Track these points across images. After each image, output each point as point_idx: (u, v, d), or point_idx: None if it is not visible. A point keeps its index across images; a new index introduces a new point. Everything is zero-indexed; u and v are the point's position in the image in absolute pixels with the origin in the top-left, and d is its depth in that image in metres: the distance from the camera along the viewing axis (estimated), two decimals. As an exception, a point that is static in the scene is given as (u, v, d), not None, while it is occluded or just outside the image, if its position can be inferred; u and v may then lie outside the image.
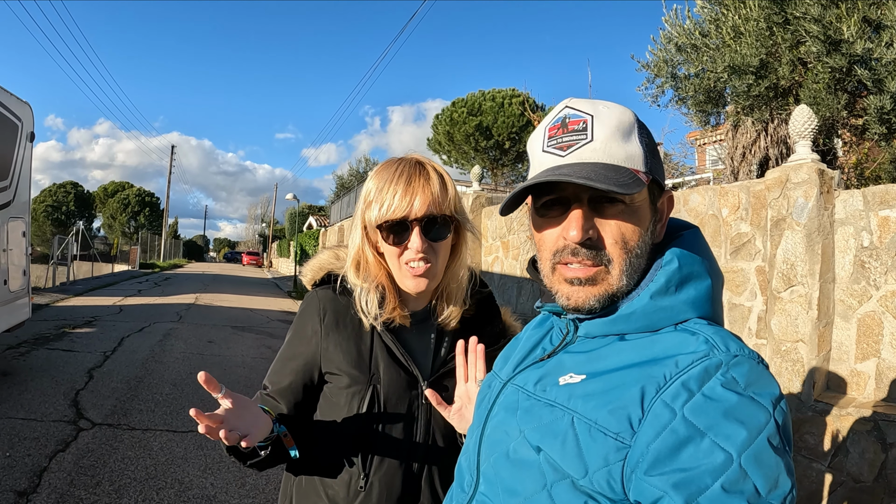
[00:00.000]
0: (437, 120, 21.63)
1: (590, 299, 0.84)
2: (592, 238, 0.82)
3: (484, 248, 8.64)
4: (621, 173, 0.80)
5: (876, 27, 4.14)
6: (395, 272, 1.26)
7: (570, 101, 0.86)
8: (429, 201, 1.21)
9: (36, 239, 38.68)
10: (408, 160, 1.27)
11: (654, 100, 6.09)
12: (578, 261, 0.83)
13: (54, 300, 13.43)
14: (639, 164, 0.82)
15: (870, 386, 3.36)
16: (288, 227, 45.63)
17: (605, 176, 0.78)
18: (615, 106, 0.85)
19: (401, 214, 1.20)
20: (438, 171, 1.26)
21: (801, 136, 3.65)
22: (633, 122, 0.84)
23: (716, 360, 0.73)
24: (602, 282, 0.83)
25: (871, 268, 3.37)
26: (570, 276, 0.84)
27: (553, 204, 0.85)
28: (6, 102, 6.19)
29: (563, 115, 0.85)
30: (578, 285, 0.84)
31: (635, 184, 0.79)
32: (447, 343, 1.32)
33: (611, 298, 0.84)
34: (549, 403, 0.83)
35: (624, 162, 0.82)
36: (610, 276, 0.83)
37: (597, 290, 0.83)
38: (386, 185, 1.22)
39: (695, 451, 0.67)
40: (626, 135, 0.83)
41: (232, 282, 25.27)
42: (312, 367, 1.28)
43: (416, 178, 1.22)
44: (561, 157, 0.83)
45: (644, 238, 0.84)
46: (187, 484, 3.92)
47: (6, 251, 6.25)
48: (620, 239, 0.82)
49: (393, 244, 1.22)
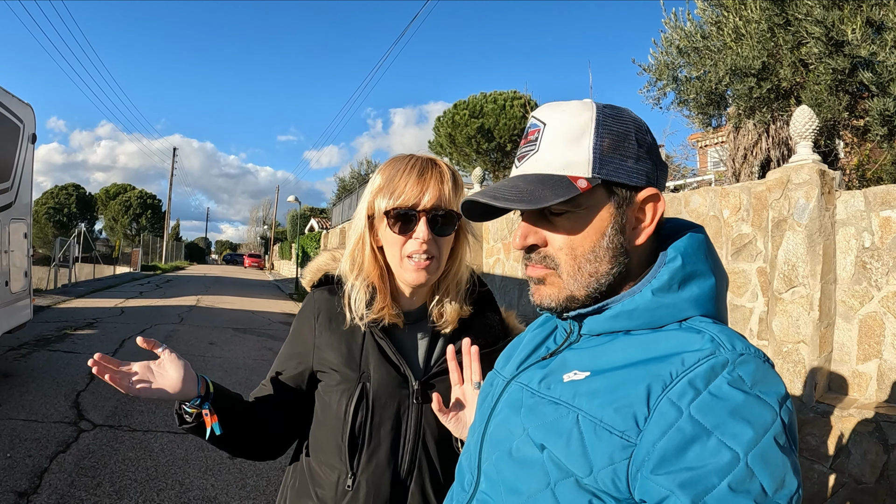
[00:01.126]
0: (439, 122, 21.64)
1: (545, 299, 0.87)
2: (537, 244, 0.86)
3: (485, 250, 8.64)
4: (548, 184, 0.80)
5: (878, 28, 4.14)
6: (395, 265, 1.26)
7: (540, 108, 0.87)
8: (438, 195, 1.22)
9: (38, 241, 38.72)
10: (420, 156, 1.28)
11: (655, 102, 6.10)
12: (532, 264, 0.87)
13: (56, 302, 13.44)
14: (581, 170, 0.81)
15: (871, 387, 3.36)
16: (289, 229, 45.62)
17: (526, 190, 0.81)
18: (574, 108, 0.84)
19: (410, 203, 1.20)
20: (451, 170, 1.28)
21: (802, 137, 3.65)
22: (587, 125, 0.82)
23: (722, 359, 0.73)
24: (553, 284, 0.86)
25: (873, 268, 3.36)
26: (528, 274, 0.89)
27: None
28: (8, 104, 6.20)
29: (528, 125, 0.88)
30: (536, 284, 0.88)
31: (562, 193, 0.79)
32: (442, 343, 1.32)
33: (570, 300, 0.85)
34: (554, 401, 0.82)
35: (561, 170, 0.81)
36: (560, 279, 0.85)
37: (550, 290, 0.86)
38: (398, 175, 1.23)
39: (701, 450, 0.67)
40: (573, 140, 0.82)
41: (234, 284, 25.28)
42: (306, 365, 1.30)
43: (428, 172, 1.23)
44: (516, 169, 0.87)
45: (601, 242, 0.83)
46: (188, 485, 3.92)
47: (8, 253, 6.25)
48: (566, 245, 0.84)
49: (399, 233, 1.22)
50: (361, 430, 1.22)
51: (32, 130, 6.91)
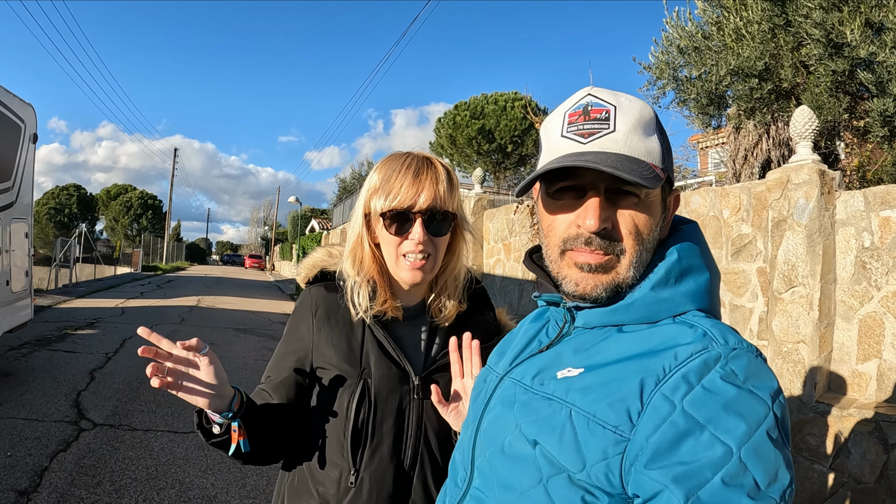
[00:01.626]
0: (440, 123, 21.63)
1: (598, 287, 0.83)
2: (608, 228, 0.82)
3: (486, 251, 8.64)
4: (642, 167, 0.80)
5: (878, 30, 4.14)
6: (391, 264, 1.26)
7: (593, 89, 0.86)
8: (434, 195, 1.22)
9: (39, 241, 38.75)
10: (416, 154, 1.28)
11: (655, 101, 6.09)
12: (591, 250, 0.82)
13: (57, 302, 13.45)
14: (657, 160, 0.83)
15: (871, 387, 3.35)
16: (290, 230, 45.62)
17: (629, 168, 0.78)
18: (637, 100, 0.85)
19: (406, 205, 1.20)
20: (446, 168, 1.28)
21: (802, 137, 3.65)
22: (654, 118, 0.85)
23: (715, 353, 0.73)
24: (612, 270, 0.83)
25: (873, 268, 3.36)
26: (581, 262, 0.83)
27: (567, 190, 0.84)
28: (9, 104, 6.21)
29: (586, 103, 0.84)
30: (589, 272, 0.83)
31: (655, 179, 0.79)
32: (440, 338, 1.32)
33: (616, 289, 0.83)
34: (547, 397, 0.82)
35: (644, 156, 0.81)
36: (620, 265, 0.83)
37: (607, 278, 0.83)
38: (394, 175, 1.23)
39: (695, 444, 0.67)
40: (647, 130, 0.83)
41: (234, 284, 25.28)
42: (305, 362, 1.28)
43: (424, 172, 1.23)
44: (582, 144, 0.82)
45: (654, 232, 0.84)
46: (188, 484, 3.92)
47: (8, 252, 6.26)
48: (635, 230, 0.82)
49: (394, 234, 1.22)
50: (364, 426, 1.22)
51: (34, 130, 6.92)
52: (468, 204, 8.85)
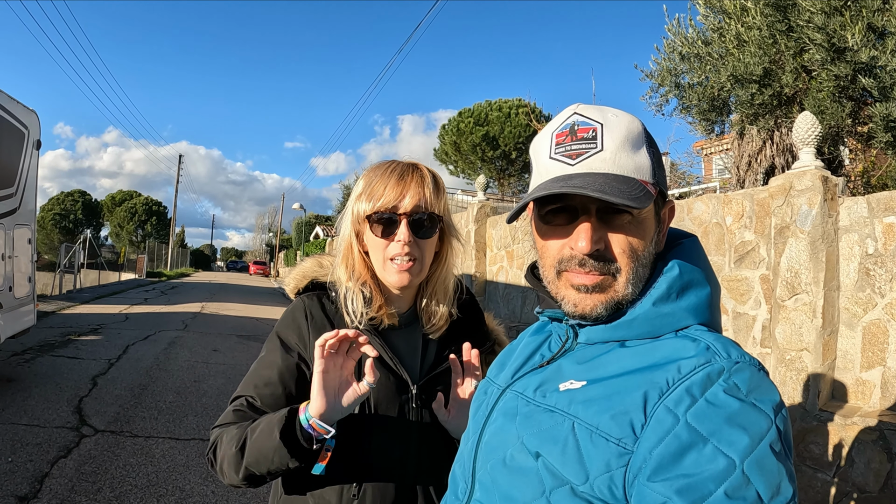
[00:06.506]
0: (444, 130, 21.71)
1: (598, 307, 0.83)
2: (601, 249, 0.81)
3: (489, 258, 8.63)
4: (631, 185, 0.79)
5: (880, 34, 4.14)
6: (379, 268, 1.26)
7: (578, 106, 0.85)
8: (419, 198, 1.22)
9: (43, 247, 38.88)
10: (402, 161, 1.29)
11: (658, 108, 6.10)
12: (585, 272, 0.82)
13: (60, 308, 13.47)
14: (647, 176, 0.82)
15: (875, 395, 3.33)
16: (295, 236, 45.71)
17: (618, 189, 0.77)
18: (624, 114, 0.84)
19: (390, 206, 1.20)
20: (432, 173, 1.28)
21: (805, 143, 3.64)
22: (642, 132, 0.84)
23: (718, 367, 0.73)
24: (609, 289, 0.82)
25: (876, 275, 3.34)
26: (577, 283, 0.83)
27: (559, 212, 0.84)
28: (12, 110, 6.25)
29: (572, 122, 0.84)
30: (586, 292, 0.83)
31: (646, 196, 0.78)
32: (435, 346, 1.32)
33: (616, 306, 0.83)
34: (549, 409, 0.82)
35: (633, 173, 0.81)
36: (617, 283, 0.82)
37: (604, 297, 0.82)
38: (378, 178, 1.24)
39: (698, 457, 0.67)
40: (636, 144, 0.82)
41: (238, 291, 25.32)
42: (301, 374, 1.25)
43: (408, 175, 1.23)
44: (570, 166, 0.82)
45: (649, 248, 0.84)
46: (188, 491, 3.91)
47: (12, 258, 6.28)
48: (629, 248, 0.82)
49: (380, 236, 1.22)
50: (364, 435, 1.21)
51: (37, 137, 6.96)
52: (471, 211, 8.85)
